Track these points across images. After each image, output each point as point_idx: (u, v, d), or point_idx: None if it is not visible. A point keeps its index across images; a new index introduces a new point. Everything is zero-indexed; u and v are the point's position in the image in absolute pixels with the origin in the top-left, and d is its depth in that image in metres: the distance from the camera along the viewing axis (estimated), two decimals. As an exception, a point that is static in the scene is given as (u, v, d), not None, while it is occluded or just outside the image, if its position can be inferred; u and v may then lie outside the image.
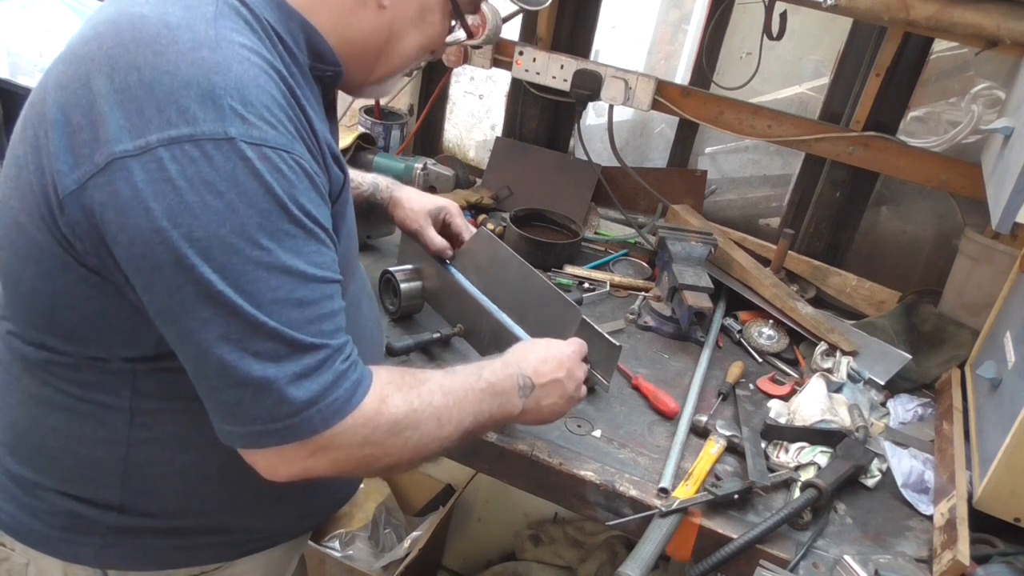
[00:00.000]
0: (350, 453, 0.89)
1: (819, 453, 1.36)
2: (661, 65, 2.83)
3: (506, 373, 1.10)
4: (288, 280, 0.82)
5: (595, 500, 1.29)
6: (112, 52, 0.80)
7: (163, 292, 0.81)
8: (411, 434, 0.94)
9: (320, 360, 0.85)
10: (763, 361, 1.69)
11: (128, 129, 0.77)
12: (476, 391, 1.04)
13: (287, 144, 0.82)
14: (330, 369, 0.86)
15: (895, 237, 2.16)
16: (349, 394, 0.87)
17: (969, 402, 1.50)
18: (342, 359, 0.87)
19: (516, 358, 1.14)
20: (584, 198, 2.14)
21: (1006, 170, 1.29)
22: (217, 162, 0.78)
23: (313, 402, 0.84)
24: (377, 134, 2.19)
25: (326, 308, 0.86)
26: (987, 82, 2.00)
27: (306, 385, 0.84)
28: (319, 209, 0.86)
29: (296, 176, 0.83)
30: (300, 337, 0.83)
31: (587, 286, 1.85)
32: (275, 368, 0.82)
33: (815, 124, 1.93)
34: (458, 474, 2.37)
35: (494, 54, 2.09)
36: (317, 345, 0.84)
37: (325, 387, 0.85)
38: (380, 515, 2.27)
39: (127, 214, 0.78)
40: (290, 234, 0.82)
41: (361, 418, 0.88)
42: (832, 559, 1.21)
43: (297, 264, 0.83)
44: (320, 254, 0.86)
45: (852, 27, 1.95)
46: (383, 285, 1.59)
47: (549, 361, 1.16)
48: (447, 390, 0.99)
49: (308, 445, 0.86)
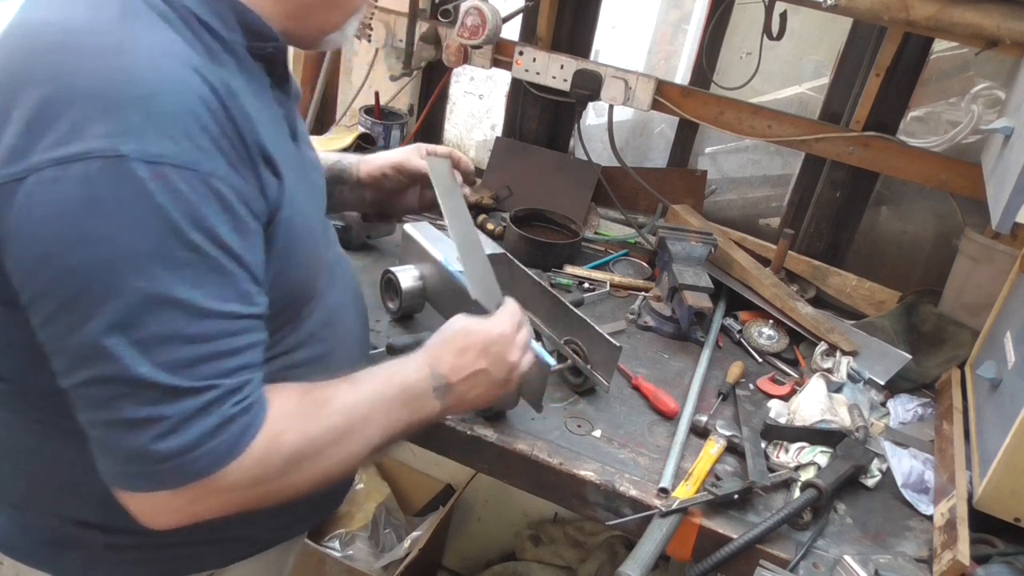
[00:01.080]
0: (242, 494, 0.83)
1: (819, 453, 1.36)
2: (661, 65, 2.83)
3: (419, 376, 1.01)
4: (178, 315, 0.75)
5: (595, 500, 1.29)
6: (8, 66, 0.75)
7: (41, 322, 0.76)
8: (310, 464, 0.88)
9: (203, 403, 0.78)
10: (763, 361, 1.69)
11: (18, 149, 0.72)
12: (385, 401, 0.97)
13: (192, 160, 0.75)
14: (214, 413, 0.78)
15: (895, 237, 2.16)
16: (235, 438, 0.80)
17: (969, 402, 1.50)
18: (233, 402, 0.80)
19: (431, 356, 1.04)
20: (584, 198, 2.14)
21: (1006, 170, 1.29)
22: (103, 183, 0.71)
23: (189, 449, 0.77)
24: (377, 134, 2.19)
25: (225, 345, 0.79)
26: (987, 82, 2.00)
27: (183, 431, 0.77)
28: (236, 232, 0.79)
29: (200, 197, 0.75)
30: (178, 383, 0.76)
31: (587, 286, 1.85)
32: (148, 410, 0.75)
33: (815, 124, 1.93)
34: (458, 474, 2.37)
35: (494, 54, 2.09)
36: (200, 388, 0.77)
37: (205, 433, 0.78)
38: (380, 515, 2.27)
39: (12, 241, 0.74)
40: (185, 263, 0.75)
41: (250, 460, 0.81)
42: (832, 559, 1.21)
43: (192, 296, 0.76)
44: (225, 285, 0.79)
45: (852, 27, 1.95)
46: (384, 285, 1.59)
47: (468, 351, 1.06)
48: (351, 407, 0.93)
49: (188, 491, 0.79)
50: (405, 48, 2.11)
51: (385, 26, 2.15)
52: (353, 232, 1.78)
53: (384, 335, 1.51)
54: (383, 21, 2.15)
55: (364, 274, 1.70)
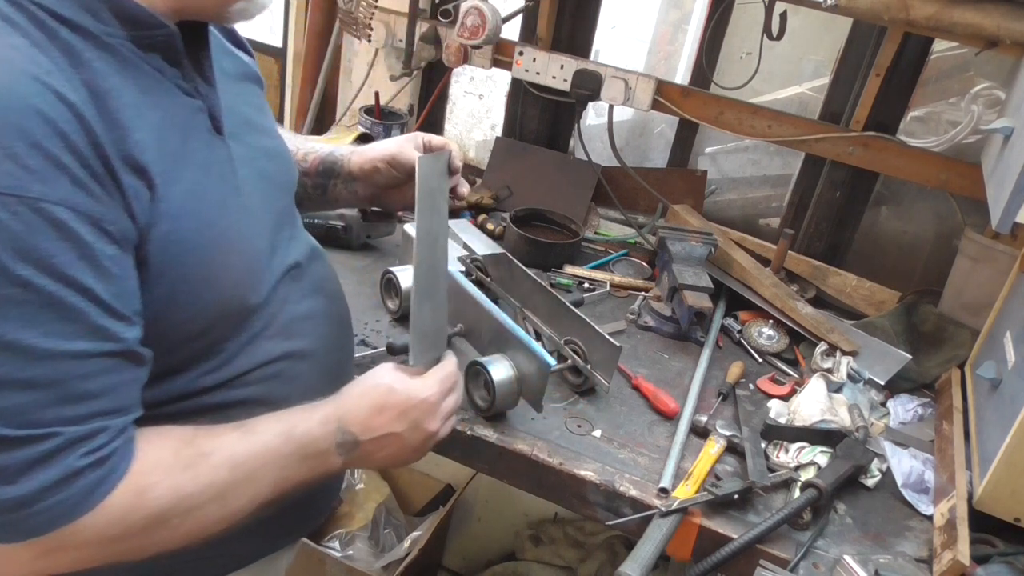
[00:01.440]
0: (98, 551, 0.77)
1: (819, 453, 1.36)
2: (661, 65, 2.82)
3: (324, 431, 0.93)
4: (9, 358, 0.69)
5: (595, 500, 1.29)
6: None
7: None
8: (181, 521, 0.81)
9: (42, 453, 0.71)
10: (763, 361, 1.69)
11: None
12: (280, 456, 0.89)
13: (18, 185, 0.66)
14: (56, 464, 0.72)
15: (895, 237, 2.16)
16: (84, 492, 0.73)
17: (969, 402, 1.50)
18: (81, 452, 0.73)
19: (342, 410, 0.95)
20: (584, 198, 2.14)
21: (1006, 170, 1.29)
22: None
23: (26, 502, 0.71)
24: (377, 134, 2.19)
25: (70, 389, 0.72)
26: (987, 82, 2.00)
27: (21, 482, 0.70)
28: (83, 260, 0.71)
29: (27, 226, 0.67)
30: (9, 432, 0.69)
31: (587, 286, 1.85)
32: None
33: (815, 124, 1.93)
34: (458, 474, 2.37)
35: (494, 54, 2.09)
36: (37, 436, 0.70)
37: (46, 485, 0.71)
38: (380, 515, 2.27)
39: None
40: (15, 300, 0.68)
41: (106, 516, 0.75)
42: (832, 559, 1.21)
43: (24, 338, 0.69)
44: (68, 321, 0.71)
45: (852, 27, 1.95)
46: (384, 285, 1.59)
47: (385, 412, 0.97)
48: (239, 461, 0.85)
49: (32, 546, 0.73)
50: (405, 48, 2.11)
51: (385, 26, 2.15)
52: (353, 232, 1.78)
53: (384, 335, 1.51)
54: (383, 21, 2.15)
55: (364, 274, 1.71)
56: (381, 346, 1.44)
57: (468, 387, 1.36)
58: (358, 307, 1.59)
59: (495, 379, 1.30)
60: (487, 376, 1.30)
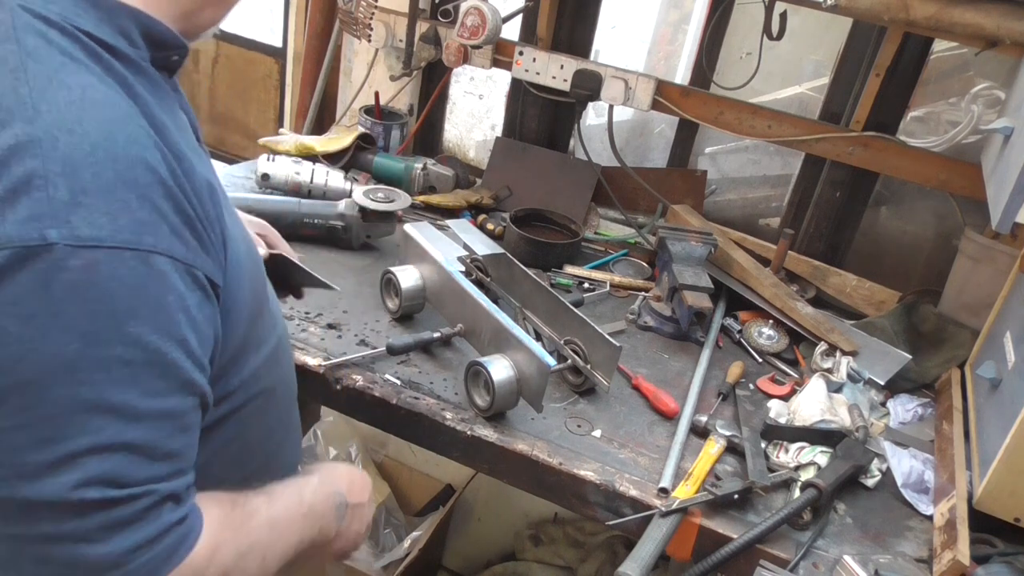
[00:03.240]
0: None
1: (819, 453, 1.36)
2: (661, 65, 2.83)
3: (324, 492, 0.97)
4: (112, 421, 0.67)
5: (595, 500, 1.29)
6: None
7: None
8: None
9: (138, 511, 0.69)
10: (763, 361, 1.69)
11: None
12: (299, 517, 0.92)
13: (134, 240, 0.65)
14: (152, 522, 0.70)
15: (895, 237, 2.16)
16: (173, 548, 0.72)
17: (969, 402, 1.50)
18: (169, 510, 0.72)
19: (331, 476, 1.01)
20: (584, 198, 2.14)
21: (1006, 170, 1.29)
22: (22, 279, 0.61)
23: (123, 561, 0.69)
24: (377, 134, 2.19)
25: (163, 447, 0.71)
26: (987, 82, 2.00)
27: (117, 540, 0.68)
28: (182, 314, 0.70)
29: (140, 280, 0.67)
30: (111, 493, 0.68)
31: (587, 286, 1.85)
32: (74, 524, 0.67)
33: (815, 124, 1.93)
34: (458, 474, 2.37)
35: (494, 54, 2.09)
36: (135, 496, 0.69)
37: (140, 544, 0.69)
38: (380, 515, 2.27)
39: None
40: (124, 360, 0.67)
41: (189, 570, 0.73)
42: (832, 559, 1.21)
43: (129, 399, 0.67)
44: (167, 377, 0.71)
45: (852, 27, 1.95)
46: (384, 284, 1.59)
47: (357, 483, 1.04)
48: (274, 522, 0.86)
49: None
50: (405, 48, 2.11)
51: (385, 26, 2.15)
52: (353, 232, 1.78)
53: (384, 335, 1.51)
54: (383, 21, 2.15)
55: (364, 274, 1.71)
56: (381, 346, 1.44)
57: (468, 387, 1.36)
58: (358, 307, 1.59)
59: (495, 379, 1.30)
60: (487, 376, 1.30)
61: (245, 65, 2.76)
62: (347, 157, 2.08)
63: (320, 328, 1.51)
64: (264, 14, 2.69)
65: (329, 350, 1.45)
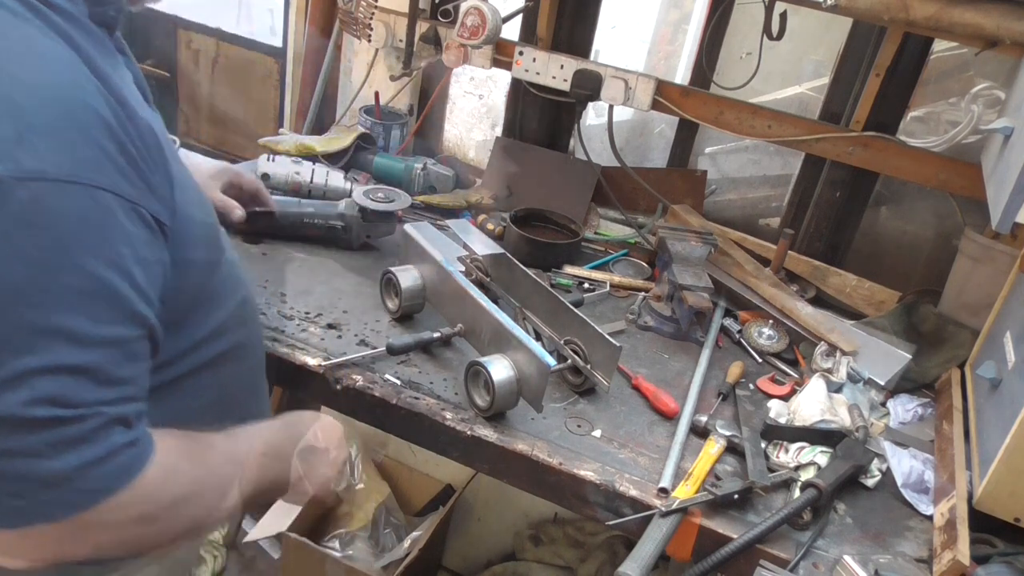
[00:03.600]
0: (118, 533, 0.78)
1: (819, 453, 1.36)
2: (661, 65, 2.83)
3: (287, 434, 1.01)
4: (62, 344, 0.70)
5: (595, 500, 1.29)
6: None
7: None
8: (189, 509, 0.83)
9: (88, 431, 0.72)
10: (763, 361, 1.69)
11: None
12: (258, 455, 0.94)
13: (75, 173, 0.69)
14: (101, 442, 0.73)
15: (895, 237, 2.16)
16: (124, 468, 0.75)
17: (969, 402, 1.50)
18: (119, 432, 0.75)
19: (296, 421, 1.05)
20: (584, 198, 2.14)
21: (1006, 170, 1.29)
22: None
23: (72, 477, 0.72)
24: (377, 134, 2.19)
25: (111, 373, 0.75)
26: (987, 82, 2.00)
27: (67, 458, 0.71)
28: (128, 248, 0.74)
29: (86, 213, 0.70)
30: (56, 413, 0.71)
31: (587, 286, 1.85)
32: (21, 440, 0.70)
33: (815, 124, 1.93)
34: (458, 474, 2.37)
35: (494, 54, 2.09)
36: (82, 416, 0.72)
37: (90, 461, 0.72)
38: (380, 515, 2.27)
39: None
40: (74, 288, 0.70)
41: (140, 493, 0.76)
42: (832, 559, 1.21)
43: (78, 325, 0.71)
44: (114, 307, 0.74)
45: (852, 27, 1.95)
46: (384, 284, 1.59)
47: (325, 429, 1.06)
48: (231, 456, 0.89)
49: (67, 525, 0.73)
50: (405, 48, 2.11)
51: (385, 26, 2.15)
52: (353, 232, 1.78)
53: (384, 335, 1.51)
54: (383, 21, 2.15)
55: (364, 274, 1.71)
56: (381, 346, 1.44)
57: (468, 387, 1.36)
58: (358, 307, 1.59)
59: (495, 379, 1.30)
60: (487, 376, 1.30)
61: (245, 65, 2.76)
62: (347, 157, 2.08)
63: (320, 328, 1.51)
64: (264, 14, 2.69)
65: (329, 350, 1.45)
